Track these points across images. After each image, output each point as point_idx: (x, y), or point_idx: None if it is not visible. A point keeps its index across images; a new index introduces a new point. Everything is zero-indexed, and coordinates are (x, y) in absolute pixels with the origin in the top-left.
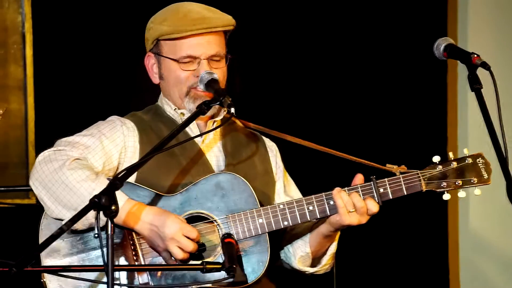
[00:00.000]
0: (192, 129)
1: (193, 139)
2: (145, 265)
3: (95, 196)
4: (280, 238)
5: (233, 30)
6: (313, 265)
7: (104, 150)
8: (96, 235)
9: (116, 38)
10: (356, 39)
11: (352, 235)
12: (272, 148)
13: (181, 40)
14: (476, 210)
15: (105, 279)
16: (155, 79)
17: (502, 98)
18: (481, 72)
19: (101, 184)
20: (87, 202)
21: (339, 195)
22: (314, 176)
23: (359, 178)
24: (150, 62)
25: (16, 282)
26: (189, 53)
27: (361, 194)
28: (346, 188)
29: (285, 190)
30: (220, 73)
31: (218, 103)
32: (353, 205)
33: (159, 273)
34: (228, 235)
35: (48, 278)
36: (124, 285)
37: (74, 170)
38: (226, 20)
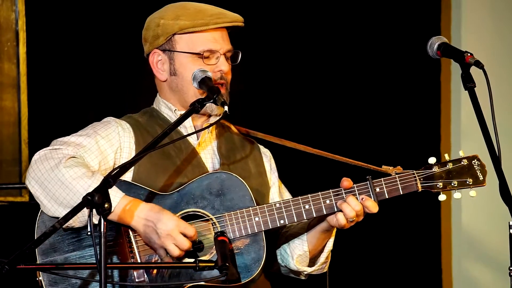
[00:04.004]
0: (189, 131)
1: (186, 137)
2: (137, 263)
3: (88, 194)
4: (276, 239)
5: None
6: (310, 264)
7: (99, 150)
8: (89, 233)
9: (110, 36)
10: (349, 39)
11: (346, 235)
12: (266, 154)
13: (198, 34)
14: (469, 210)
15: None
16: (162, 76)
17: (495, 97)
18: (474, 71)
19: (97, 181)
20: None
21: (346, 210)
22: (309, 179)
23: (344, 184)
24: (155, 59)
25: (11, 280)
26: (209, 47)
27: (357, 194)
28: (343, 190)
29: (280, 196)
30: (230, 70)
31: (211, 101)
32: (355, 215)
33: (154, 270)
34: (221, 233)
35: (43, 276)
36: (118, 283)
37: (70, 167)
38: (239, 17)
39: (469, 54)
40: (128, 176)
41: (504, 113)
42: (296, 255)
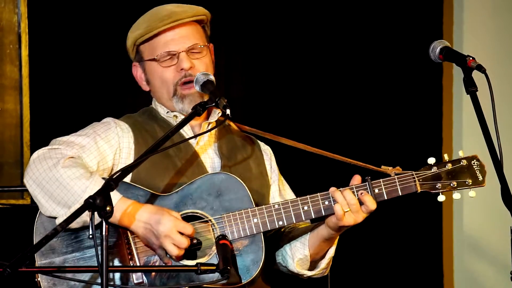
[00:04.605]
0: (186, 131)
1: (187, 140)
2: (139, 266)
3: (90, 197)
4: (278, 240)
5: (211, 20)
6: (311, 268)
7: (98, 150)
8: (90, 236)
9: (111, 38)
10: (352, 41)
11: (347, 236)
12: (267, 152)
13: (155, 39)
14: (470, 212)
15: (99, 280)
16: (145, 87)
17: (496, 99)
18: (476, 75)
19: (95, 182)
20: (80, 200)
21: (336, 196)
22: (309, 178)
23: (356, 179)
24: (138, 72)
25: (10, 282)
26: (166, 49)
27: (355, 193)
28: (340, 189)
29: (280, 193)
30: (201, 64)
31: (213, 104)
32: (347, 204)
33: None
34: (223, 236)
35: (42, 277)
36: (119, 286)
37: (69, 168)
38: (193, 12)
39: (471, 58)
40: (127, 176)
41: (506, 115)
42: (297, 258)
